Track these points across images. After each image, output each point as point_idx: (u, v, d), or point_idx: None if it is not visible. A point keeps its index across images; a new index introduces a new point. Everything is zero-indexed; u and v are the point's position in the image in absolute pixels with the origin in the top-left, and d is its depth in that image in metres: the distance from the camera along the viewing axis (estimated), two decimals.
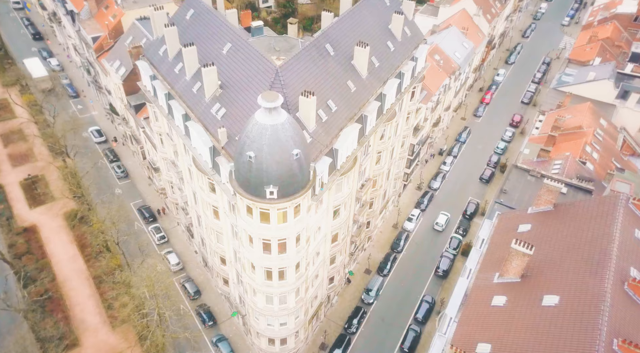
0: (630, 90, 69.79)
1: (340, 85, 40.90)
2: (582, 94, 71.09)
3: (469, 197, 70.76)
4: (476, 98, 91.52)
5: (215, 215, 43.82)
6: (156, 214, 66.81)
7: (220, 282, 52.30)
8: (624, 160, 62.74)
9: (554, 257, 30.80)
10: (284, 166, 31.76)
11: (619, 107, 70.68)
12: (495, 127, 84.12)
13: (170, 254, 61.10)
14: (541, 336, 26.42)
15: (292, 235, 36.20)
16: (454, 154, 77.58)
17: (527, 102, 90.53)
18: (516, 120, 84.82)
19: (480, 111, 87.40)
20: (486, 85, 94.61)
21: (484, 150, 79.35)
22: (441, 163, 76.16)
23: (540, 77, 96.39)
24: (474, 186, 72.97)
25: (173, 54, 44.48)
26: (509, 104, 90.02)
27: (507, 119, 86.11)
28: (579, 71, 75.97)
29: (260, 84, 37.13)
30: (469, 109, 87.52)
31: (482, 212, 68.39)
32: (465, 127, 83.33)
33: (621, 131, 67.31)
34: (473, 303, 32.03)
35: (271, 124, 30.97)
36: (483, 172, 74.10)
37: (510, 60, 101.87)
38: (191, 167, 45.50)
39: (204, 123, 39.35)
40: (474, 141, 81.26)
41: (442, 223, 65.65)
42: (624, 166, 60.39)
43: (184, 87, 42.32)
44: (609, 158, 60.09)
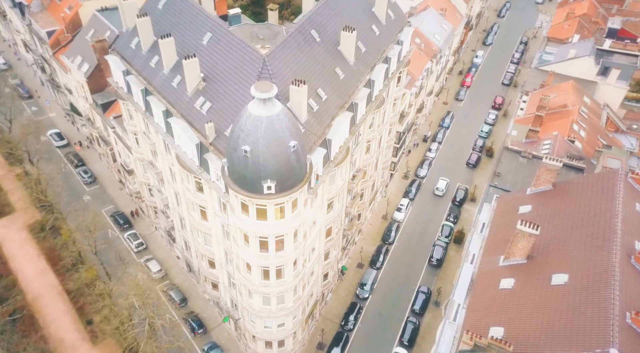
0: (610, 67, 72.93)
1: (328, 73, 41.35)
2: (564, 72, 73.80)
3: (457, 183, 72.63)
4: (456, 81, 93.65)
5: (203, 215, 43.70)
6: (130, 218, 65.84)
7: (208, 287, 52.18)
8: (609, 137, 65.74)
9: (558, 236, 32.34)
10: (281, 159, 32.08)
11: (600, 84, 73.78)
12: (477, 110, 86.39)
13: (151, 261, 60.45)
14: (554, 315, 27.81)
15: (290, 231, 36.59)
16: (438, 140, 79.34)
17: (507, 83, 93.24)
18: (498, 102, 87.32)
19: (461, 95, 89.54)
20: (466, 68, 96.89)
21: (469, 135, 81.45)
22: (426, 150, 77.80)
23: (518, 57, 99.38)
24: (461, 171, 74.92)
25: (147, 46, 43.92)
26: (490, 85, 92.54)
27: (489, 102, 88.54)
28: (559, 49, 78.80)
29: (247, 75, 37.19)
30: (450, 93, 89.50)
31: (472, 197, 70.37)
32: (448, 111, 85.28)
33: (604, 108, 70.38)
34: (480, 288, 33.29)
35: (266, 115, 31.20)
36: (469, 157, 76.13)
37: (488, 41, 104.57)
38: (173, 166, 45.15)
39: (187, 119, 39.14)
40: (457, 126, 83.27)
41: (443, 188, 70.52)
42: (609, 143, 63.30)
43: (163, 81, 41.90)
44: (595, 135, 62.85)
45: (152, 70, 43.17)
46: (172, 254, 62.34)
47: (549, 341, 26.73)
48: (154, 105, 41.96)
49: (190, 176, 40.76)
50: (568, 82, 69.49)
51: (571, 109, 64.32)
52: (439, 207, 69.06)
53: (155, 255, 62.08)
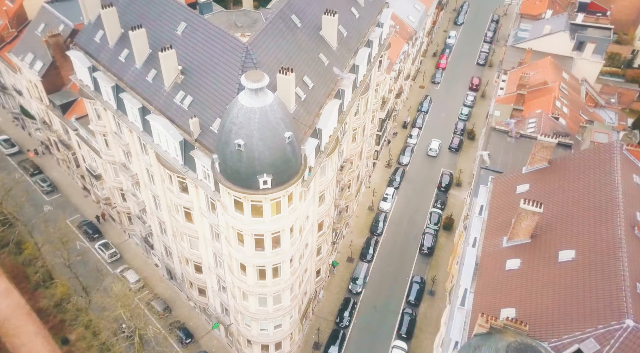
0: (585, 41, 76.14)
1: (312, 59, 41.69)
2: (540, 48, 76.49)
3: (441, 169, 74.42)
4: (431, 64, 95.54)
5: (188, 218, 43.44)
6: (99, 226, 64.56)
7: (194, 294, 51.91)
8: (589, 112, 68.74)
9: (560, 213, 33.92)
10: (277, 151, 32.31)
11: (576, 59, 76.96)
12: (455, 93, 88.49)
13: (127, 271, 59.53)
14: (564, 292, 29.26)
15: (287, 226, 36.91)
16: (418, 125, 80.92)
17: (482, 63, 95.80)
18: (475, 83, 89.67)
19: (437, 77, 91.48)
20: (439, 50, 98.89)
21: (448, 118, 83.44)
22: (407, 136, 79.24)
23: (491, 36, 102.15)
24: (444, 156, 76.77)
25: (114, 39, 43.14)
26: (465, 66, 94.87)
27: (465, 83, 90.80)
28: (534, 26, 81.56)
29: (229, 65, 37.12)
30: (426, 76, 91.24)
31: (457, 182, 72.28)
32: (426, 95, 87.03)
33: (583, 83, 73.49)
34: (486, 271, 34.58)
35: (259, 106, 31.32)
36: (451, 141, 78.03)
37: (459, 21, 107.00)
38: (152, 167, 44.61)
39: (167, 115, 38.75)
40: (436, 109, 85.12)
41: (436, 149, 76.06)
42: (590, 118, 66.21)
43: (135, 76, 41.28)
44: (577, 111, 65.61)
45: (122, 65, 42.44)
46: (149, 262, 61.55)
47: (562, 318, 28.14)
48: (128, 103, 41.30)
49: (173, 176, 40.41)
50: (545, 58, 72.13)
51: (551, 85, 66.84)
52: (426, 193, 70.63)
53: (131, 265, 61.13)
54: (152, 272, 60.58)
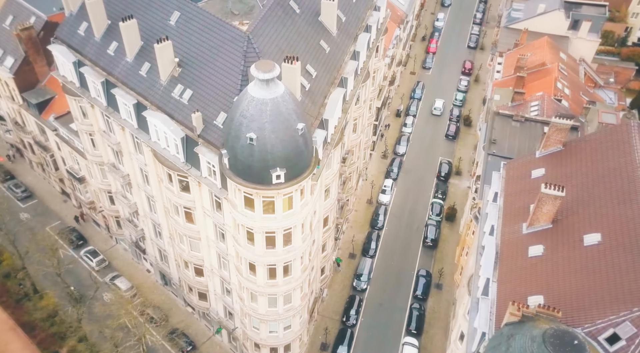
0: (581, 19, 77.84)
1: (314, 47, 41.88)
2: (535, 29, 77.88)
3: (439, 157, 75.43)
4: (421, 48, 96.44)
5: (189, 218, 43.30)
6: (78, 226, 64.06)
7: (194, 298, 51.81)
8: (589, 92, 70.46)
9: (580, 196, 34.93)
10: (290, 144, 32.48)
11: (572, 39, 78.74)
12: (447, 78, 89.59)
13: (118, 279, 59.03)
14: (593, 276, 30.23)
15: (299, 222, 37.16)
16: (412, 113, 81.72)
17: (473, 46, 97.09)
18: (468, 67, 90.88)
19: (428, 62, 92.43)
20: (428, 33, 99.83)
21: (443, 104, 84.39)
22: (402, 125, 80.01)
23: (480, 17, 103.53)
24: (442, 144, 77.81)
25: (101, 31, 42.63)
26: (456, 50, 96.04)
27: (457, 67, 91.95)
28: (527, 5, 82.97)
29: (230, 56, 37.08)
30: (416, 62, 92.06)
31: (457, 171, 73.39)
32: (418, 81, 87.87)
33: (581, 63, 75.17)
34: (508, 259, 35.43)
35: (270, 97, 31.41)
36: (448, 128, 79.09)
37: (446, 2, 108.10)
38: (147, 167, 44.31)
39: (165, 110, 38.52)
40: (429, 96, 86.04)
41: (440, 107, 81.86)
42: (591, 98, 67.85)
43: (127, 70, 40.89)
44: (578, 92, 67.17)
45: (111, 59, 41.97)
46: (140, 268, 61.12)
47: (593, 303, 29.09)
48: (120, 99, 40.86)
49: (173, 175, 40.20)
50: (542, 38, 73.45)
51: (550, 66, 68.21)
52: (425, 183, 71.54)
53: (121, 272, 60.61)
54: (145, 279, 60.15)
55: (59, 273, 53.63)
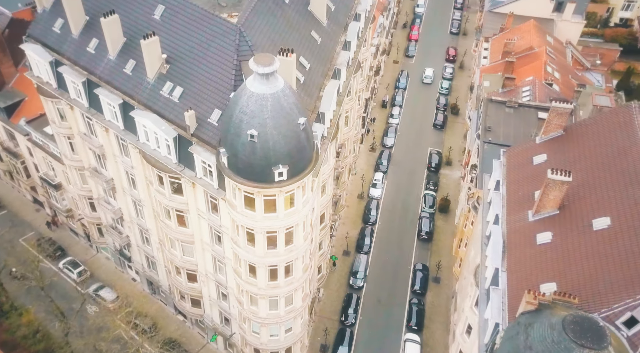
0: (565, 1, 79.64)
1: (306, 38, 42.10)
2: (519, 12, 79.39)
3: (429, 148, 76.48)
4: (402, 36, 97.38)
5: (181, 222, 43.13)
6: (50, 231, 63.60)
7: (187, 306, 51.62)
8: (578, 75, 72.32)
9: (586, 180, 36.01)
10: (292, 140, 32.67)
11: (556, 21, 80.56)
12: (432, 66, 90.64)
13: (102, 290, 58.39)
14: (605, 261, 31.25)
15: (301, 220, 37.42)
16: (398, 103, 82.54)
17: (456, 31, 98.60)
18: (452, 54, 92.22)
19: (411, 50, 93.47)
20: (409, 20, 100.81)
21: (428, 93, 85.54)
22: (388, 116, 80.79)
23: (462, 2, 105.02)
24: (430, 134, 78.91)
25: (79, 28, 42.09)
26: (439, 37, 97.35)
27: (441, 54, 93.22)
28: None
29: (222, 50, 37.04)
30: (399, 50, 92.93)
31: (447, 161, 74.52)
32: (402, 70, 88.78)
33: (568, 46, 77.07)
34: (516, 248, 36.32)
35: (271, 92, 31.52)
36: (435, 118, 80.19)
37: None
38: (134, 169, 43.95)
39: (155, 109, 38.28)
40: (414, 85, 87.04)
41: (430, 75, 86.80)
42: (579, 81, 69.66)
43: (111, 69, 40.47)
44: (567, 76, 68.93)
45: (92, 57, 41.48)
46: (125, 277, 60.54)
47: (608, 287, 30.11)
48: (105, 99, 40.39)
49: (165, 177, 39.97)
50: (528, 22, 74.99)
51: (538, 50, 69.76)
52: (416, 175, 72.48)
53: (105, 282, 59.94)
54: (131, 288, 59.57)
55: (42, 287, 52.73)
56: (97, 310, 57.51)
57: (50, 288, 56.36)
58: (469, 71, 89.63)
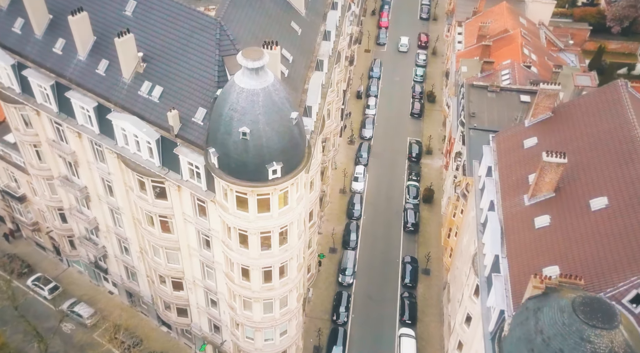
0: None
1: (286, 30, 42.29)
2: None
3: (408, 138, 77.63)
4: (372, 24, 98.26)
5: (165, 228, 42.83)
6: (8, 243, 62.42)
7: (172, 316, 51.28)
8: (554, 56, 74.55)
9: (580, 161, 37.34)
10: (286, 136, 32.90)
11: (528, 2, 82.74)
12: (404, 53, 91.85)
13: (77, 305, 57.38)
14: (607, 240, 32.51)
15: (295, 219, 37.70)
16: (373, 93, 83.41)
17: (426, 17, 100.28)
18: (424, 40, 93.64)
19: (382, 38, 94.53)
20: (377, 7, 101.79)
21: (403, 82, 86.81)
22: (364, 107, 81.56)
23: None
24: (408, 124, 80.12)
25: (42, 28, 41.22)
26: (409, 23, 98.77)
27: (413, 41, 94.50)
28: None
29: (202, 45, 36.93)
30: (370, 38, 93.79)
31: (428, 150, 75.80)
32: (374, 59, 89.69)
33: (540, 27, 79.27)
34: (515, 233, 37.43)
35: (261, 87, 31.64)
36: (412, 107, 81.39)
37: None
38: (111, 175, 43.38)
39: (134, 111, 37.88)
40: (388, 74, 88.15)
41: (406, 43, 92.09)
42: (554, 62, 71.81)
43: (82, 70, 39.82)
44: (543, 57, 70.99)
45: (59, 59, 40.72)
46: (101, 290, 59.68)
47: (612, 266, 31.41)
48: (77, 103, 39.70)
49: (147, 181, 39.60)
50: (501, 4, 76.82)
51: (513, 33, 71.60)
52: (397, 166, 73.51)
53: (79, 297, 58.92)
54: (108, 301, 58.84)
55: (16, 307, 51.55)
56: (73, 328, 56.59)
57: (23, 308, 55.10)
58: (442, 57, 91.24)
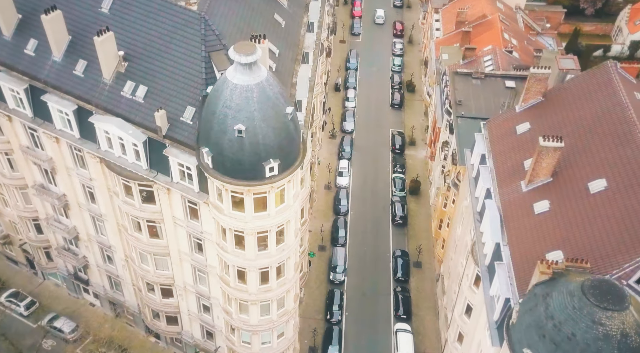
0: None
1: (270, 22, 42.39)
2: None
3: (390, 129, 78.44)
4: (345, 13, 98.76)
5: (153, 233, 42.54)
6: None
7: (161, 324, 50.95)
8: (533, 40, 76.24)
9: (575, 144, 38.42)
10: (282, 132, 33.04)
11: None
12: (380, 42, 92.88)
13: (58, 320, 56.45)
14: (609, 222, 33.55)
15: (292, 217, 37.91)
16: (351, 85, 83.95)
17: (399, 4, 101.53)
18: (399, 28, 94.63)
19: (356, 28, 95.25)
20: None
21: (381, 72, 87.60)
22: (344, 100, 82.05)
23: None
24: (389, 115, 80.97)
25: (11, 28, 40.52)
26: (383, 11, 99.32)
27: (388, 30, 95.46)
28: None
29: (186, 41, 36.84)
30: (345, 29, 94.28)
31: (411, 141, 76.71)
32: (350, 49, 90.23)
33: (517, 11, 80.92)
34: (514, 220, 38.34)
35: (255, 82, 31.69)
36: (392, 97, 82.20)
37: None
38: (92, 182, 42.87)
39: (117, 112, 37.51)
40: (365, 65, 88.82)
41: (382, 15, 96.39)
42: (533, 46, 73.51)
43: (58, 72, 39.24)
44: (522, 41, 72.58)
45: (32, 61, 40.06)
46: (82, 303, 58.83)
47: (615, 248, 32.47)
48: (55, 106, 39.06)
49: (134, 185, 39.26)
50: None
51: (491, 18, 73.02)
52: (381, 158, 74.24)
53: (59, 311, 57.98)
54: (91, 314, 58.04)
55: None
56: (54, 344, 55.73)
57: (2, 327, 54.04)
58: (419, 45, 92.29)
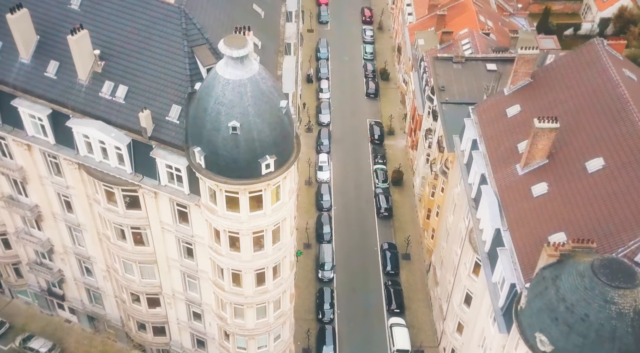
0: None
1: (250, 13, 42.45)
2: None
3: (367, 120, 79.17)
4: (310, 1, 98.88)
5: (138, 240, 42.16)
6: None
7: (148, 336, 50.55)
8: (507, 22, 77.95)
9: (568, 124, 39.55)
10: (277, 127, 33.14)
11: None
12: (349, 30, 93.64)
13: (33, 341, 55.32)
14: (610, 200, 34.74)
15: (288, 214, 38.09)
16: (324, 75, 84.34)
17: None
18: (368, 15, 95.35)
19: (324, 16, 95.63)
20: None
21: (353, 61, 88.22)
22: (317, 91, 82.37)
23: None
24: (365, 105, 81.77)
25: None
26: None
27: (357, 17, 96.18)
28: None
29: (165, 36, 36.56)
30: (311, 17, 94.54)
31: (389, 130, 77.57)
32: (320, 39, 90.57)
33: None
34: (513, 205, 39.33)
35: (248, 77, 31.69)
36: (367, 87, 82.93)
37: None
38: (69, 190, 42.19)
39: (97, 115, 37.01)
40: (336, 54, 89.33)
41: None
42: (510, 28, 75.20)
43: (27, 75, 38.48)
44: (497, 23, 74.12)
45: None
46: (56, 320, 57.78)
47: (619, 226, 33.66)
48: (27, 111, 38.26)
49: (117, 191, 38.81)
50: None
51: (464, 0, 74.35)
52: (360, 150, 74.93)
53: (32, 331, 56.82)
54: (67, 331, 57.09)
55: None
56: None
57: None
58: (390, 32, 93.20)
